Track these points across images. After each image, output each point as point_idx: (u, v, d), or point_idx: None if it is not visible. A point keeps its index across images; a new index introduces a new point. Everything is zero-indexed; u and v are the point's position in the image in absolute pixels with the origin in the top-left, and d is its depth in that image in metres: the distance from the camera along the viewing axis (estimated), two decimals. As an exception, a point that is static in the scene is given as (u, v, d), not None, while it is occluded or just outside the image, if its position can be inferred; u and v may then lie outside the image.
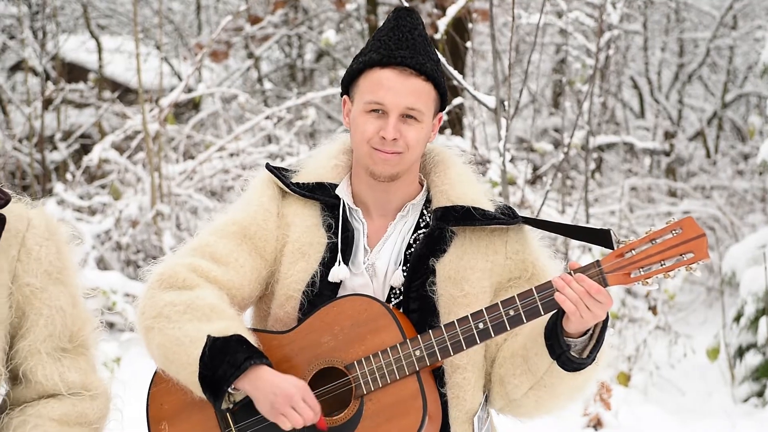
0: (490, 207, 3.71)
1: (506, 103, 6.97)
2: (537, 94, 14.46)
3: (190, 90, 13.55)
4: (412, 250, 3.70)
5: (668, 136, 19.43)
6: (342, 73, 18.40)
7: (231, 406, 3.60)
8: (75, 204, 11.84)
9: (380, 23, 17.00)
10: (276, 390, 3.50)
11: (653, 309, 10.59)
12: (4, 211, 3.37)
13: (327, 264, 3.70)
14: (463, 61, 12.77)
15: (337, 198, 3.76)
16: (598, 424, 8.72)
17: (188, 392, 3.64)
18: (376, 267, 3.72)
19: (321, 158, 3.85)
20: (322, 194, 3.77)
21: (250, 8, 14.33)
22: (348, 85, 3.72)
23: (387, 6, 16.26)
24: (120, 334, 10.28)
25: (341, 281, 3.70)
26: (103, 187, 12.81)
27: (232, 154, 12.27)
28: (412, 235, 3.73)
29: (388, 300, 3.70)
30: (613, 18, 10.09)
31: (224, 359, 3.50)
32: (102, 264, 11.67)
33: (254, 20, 15.34)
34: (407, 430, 3.51)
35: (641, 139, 19.33)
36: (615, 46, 12.76)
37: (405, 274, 3.69)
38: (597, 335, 3.58)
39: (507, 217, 3.70)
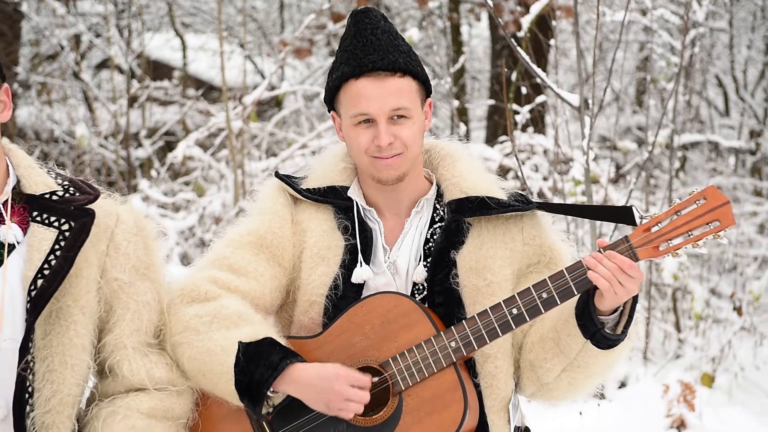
0: (503, 195, 3.73)
1: (590, 101, 6.92)
2: (620, 92, 14.34)
3: (273, 88, 13.61)
4: (431, 244, 3.72)
5: (754, 134, 19.15)
6: (428, 71, 18.41)
7: (270, 410, 3.59)
8: (159, 200, 11.95)
9: (462, 21, 16.93)
10: (324, 390, 3.50)
11: (738, 310, 10.45)
12: (93, 206, 3.43)
13: (347, 266, 3.73)
14: (545, 59, 12.70)
15: (350, 200, 3.79)
16: (681, 425, 8.64)
17: (221, 405, 3.64)
18: (398, 264, 3.74)
19: (328, 163, 3.88)
20: (334, 197, 3.79)
21: (333, 6, 14.37)
22: (331, 101, 3.74)
23: (469, 3, 16.22)
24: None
25: (364, 282, 3.72)
26: (186, 183, 12.92)
27: (314, 152, 12.30)
28: (429, 229, 3.74)
29: (412, 296, 3.71)
30: (698, 15, 9.97)
31: (259, 362, 3.51)
32: (186, 260, 11.78)
33: (337, 18, 15.38)
34: (450, 422, 3.52)
35: (726, 137, 19.07)
36: (700, 44, 12.61)
37: (427, 268, 3.70)
38: (628, 311, 3.59)
39: (521, 204, 3.72)
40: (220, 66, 11.91)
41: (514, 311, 3.54)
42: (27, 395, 3.31)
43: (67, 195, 3.45)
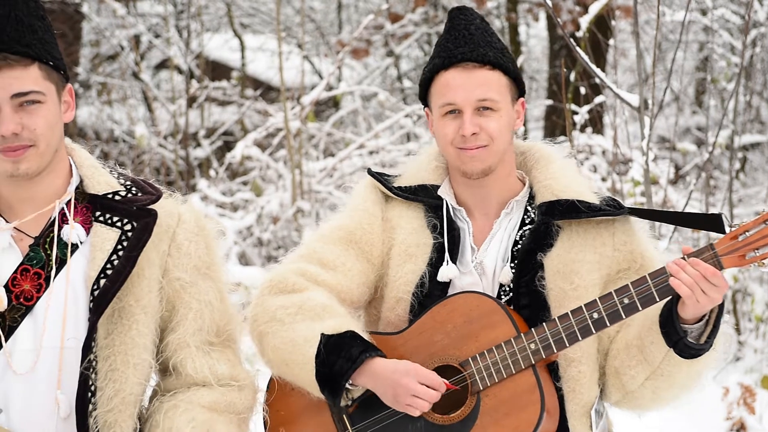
0: (594, 199, 3.70)
1: (649, 101, 6.88)
2: (680, 93, 14.23)
3: (330, 88, 13.65)
4: (519, 246, 3.71)
5: (815, 135, 18.94)
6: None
7: (350, 403, 3.62)
8: (217, 200, 12.02)
9: (520, 21, 16.87)
10: (393, 384, 3.53)
11: (799, 312, 10.34)
12: (155, 206, 3.45)
13: (434, 264, 3.73)
14: (604, 59, 12.63)
15: (440, 199, 3.79)
16: (741, 428, 8.57)
17: (305, 396, 3.69)
18: (485, 265, 3.73)
19: (421, 161, 3.89)
20: (425, 196, 3.80)
21: (391, 6, 14.38)
22: (424, 97, 3.77)
23: (527, 3, 16.17)
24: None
25: (450, 280, 3.72)
26: (245, 183, 12.98)
27: (371, 152, 12.32)
28: (518, 231, 3.73)
29: (498, 297, 3.70)
30: (759, 15, 9.88)
31: (340, 355, 3.54)
32: (243, 259, 11.84)
33: (394, 18, 15.39)
34: (526, 424, 3.51)
35: (787, 138, 18.87)
36: (761, 44, 12.49)
37: (513, 270, 3.69)
38: (713, 320, 3.53)
39: (612, 209, 3.68)
40: (278, 66, 11.95)
41: (595, 315, 3.52)
42: (90, 394, 3.35)
43: (129, 195, 3.47)
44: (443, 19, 16.96)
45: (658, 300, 3.49)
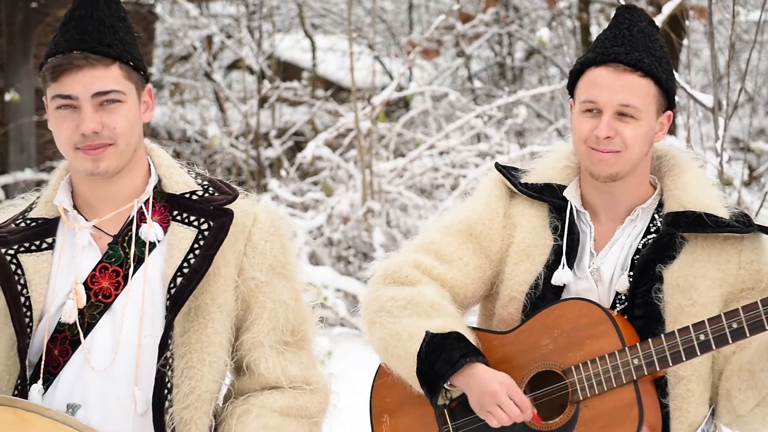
0: (724, 213, 3.57)
1: (723, 102, 6.81)
2: (754, 93, 14.07)
3: (401, 88, 13.66)
4: (640, 255, 3.60)
5: None
6: (553, 71, 18.29)
7: (447, 402, 3.63)
8: (288, 200, 12.09)
9: (592, 21, 16.79)
10: (483, 388, 3.51)
11: None
12: (231, 206, 3.48)
13: (551, 266, 3.67)
14: (678, 59, 12.52)
15: (565, 200, 3.71)
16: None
17: (409, 387, 3.69)
18: (602, 271, 3.65)
19: (551, 159, 3.81)
20: (549, 195, 3.73)
21: (462, 7, 14.36)
22: (571, 87, 3.68)
23: (599, 3, 16.07)
24: (331, 329, 10.47)
25: (564, 285, 3.65)
26: (315, 183, 13.03)
27: (441, 152, 12.32)
28: (641, 240, 3.63)
29: (613, 306, 3.62)
30: (837, 14, 9.72)
31: (440, 356, 3.53)
32: (314, 259, 11.89)
33: (465, 18, 15.38)
34: None
35: None
36: (838, 44, 12.31)
37: (631, 280, 3.60)
38: None
39: (742, 225, 3.54)
40: (349, 67, 11.98)
41: (702, 337, 3.41)
42: (166, 391, 3.37)
43: (206, 195, 3.50)
44: (514, 20, 16.92)
45: (767, 328, 3.36)
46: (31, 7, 13.87)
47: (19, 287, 3.38)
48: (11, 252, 3.42)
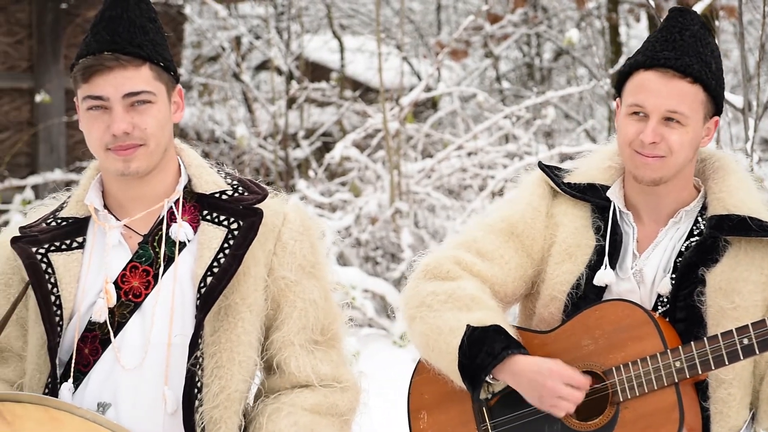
0: None
1: (753, 102, 6.77)
2: (784, 94, 13.99)
3: (429, 89, 13.66)
4: (683, 258, 3.59)
5: None
6: (581, 72, 18.24)
7: (489, 396, 3.62)
8: (316, 200, 12.09)
9: (621, 21, 16.72)
10: (538, 385, 3.50)
11: None
12: (261, 206, 3.49)
13: (593, 267, 3.65)
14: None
15: (608, 200, 3.70)
16: None
17: (448, 383, 3.69)
18: (644, 273, 3.64)
19: (595, 159, 3.80)
20: (592, 196, 3.72)
21: (491, 8, 14.33)
22: (619, 88, 3.66)
23: (628, 4, 16.01)
24: (359, 329, 10.48)
25: (606, 285, 3.64)
26: (343, 184, 13.03)
27: (470, 153, 12.29)
28: (684, 242, 3.62)
29: (655, 308, 3.61)
30: None
31: (482, 348, 3.52)
32: (342, 260, 11.90)
33: (494, 19, 15.35)
34: None
35: None
36: None
37: (673, 282, 3.58)
38: None
39: None
40: (377, 67, 11.99)
41: (745, 341, 3.39)
42: (196, 390, 3.39)
43: (236, 194, 3.51)
44: (542, 20, 16.89)
45: None
46: (60, 8, 13.93)
47: (50, 286, 3.41)
48: (42, 251, 3.45)
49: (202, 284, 3.39)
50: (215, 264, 3.40)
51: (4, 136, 13.93)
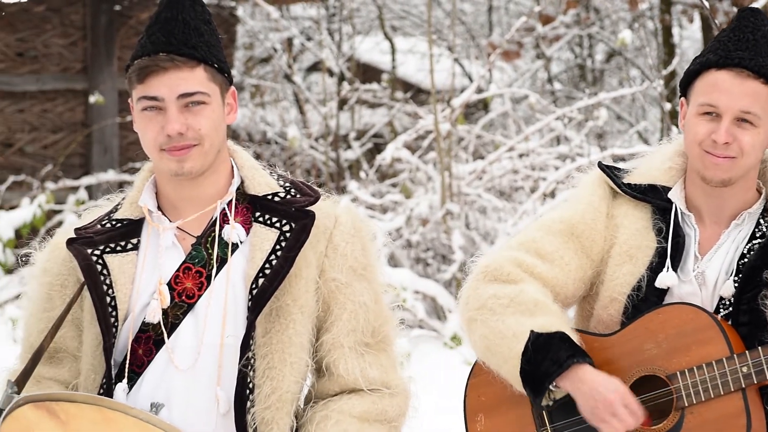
0: None
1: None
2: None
3: (480, 90, 13.63)
4: (746, 260, 3.54)
5: None
6: (634, 73, 18.13)
7: (551, 403, 3.58)
8: (367, 202, 12.10)
9: (674, 22, 16.63)
10: (596, 395, 3.45)
11: None
12: (313, 208, 3.49)
13: (654, 269, 3.60)
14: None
15: (669, 201, 3.65)
16: None
17: (506, 386, 3.65)
18: (706, 276, 3.59)
19: (655, 160, 3.75)
20: (653, 197, 3.67)
21: (543, 9, 14.29)
22: (685, 87, 3.61)
23: (681, 5, 15.91)
24: (410, 330, 10.48)
25: (668, 288, 3.59)
26: (394, 185, 13.04)
27: (521, 155, 12.26)
28: (747, 244, 3.57)
29: (717, 311, 3.56)
30: None
31: (547, 356, 3.48)
32: (392, 261, 11.90)
33: (546, 20, 15.30)
34: None
35: None
36: None
37: (736, 285, 3.53)
38: None
39: None
40: (428, 69, 11.98)
41: None
42: (248, 391, 3.39)
43: (288, 196, 3.52)
44: (594, 21, 16.82)
45: None
46: (114, 10, 14.04)
47: (105, 287, 3.43)
48: (97, 252, 3.47)
49: (253, 286, 3.40)
50: (267, 266, 3.41)
51: (58, 137, 14.07)
